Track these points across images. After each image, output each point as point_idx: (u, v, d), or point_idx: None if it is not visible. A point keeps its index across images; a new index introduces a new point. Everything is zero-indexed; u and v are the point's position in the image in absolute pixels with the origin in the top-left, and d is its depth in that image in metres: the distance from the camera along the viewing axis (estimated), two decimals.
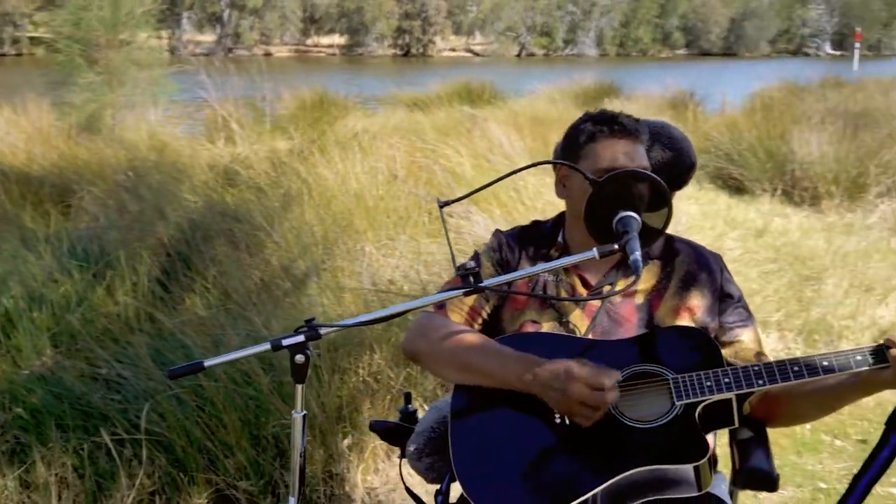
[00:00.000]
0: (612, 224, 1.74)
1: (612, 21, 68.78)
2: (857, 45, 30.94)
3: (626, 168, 1.86)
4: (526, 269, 1.75)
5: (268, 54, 47.62)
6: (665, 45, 72.76)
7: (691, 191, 7.85)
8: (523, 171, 2.03)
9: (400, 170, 5.89)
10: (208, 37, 55.18)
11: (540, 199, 5.99)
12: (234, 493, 3.02)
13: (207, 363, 1.66)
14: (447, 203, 1.84)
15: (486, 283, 1.70)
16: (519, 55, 62.85)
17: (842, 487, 3.26)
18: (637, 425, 1.71)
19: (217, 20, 55.58)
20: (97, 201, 6.28)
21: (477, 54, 61.08)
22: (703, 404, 1.73)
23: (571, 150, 1.99)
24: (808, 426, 3.84)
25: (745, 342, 1.92)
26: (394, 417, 2.04)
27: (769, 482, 1.77)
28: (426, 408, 2.48)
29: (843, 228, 7.12)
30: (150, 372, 3.35)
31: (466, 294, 1.71)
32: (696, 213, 7.20)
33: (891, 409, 1.72)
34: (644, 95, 13.73)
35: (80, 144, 8.54)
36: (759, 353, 1.91)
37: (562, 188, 2.04)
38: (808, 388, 1.78)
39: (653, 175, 1.81)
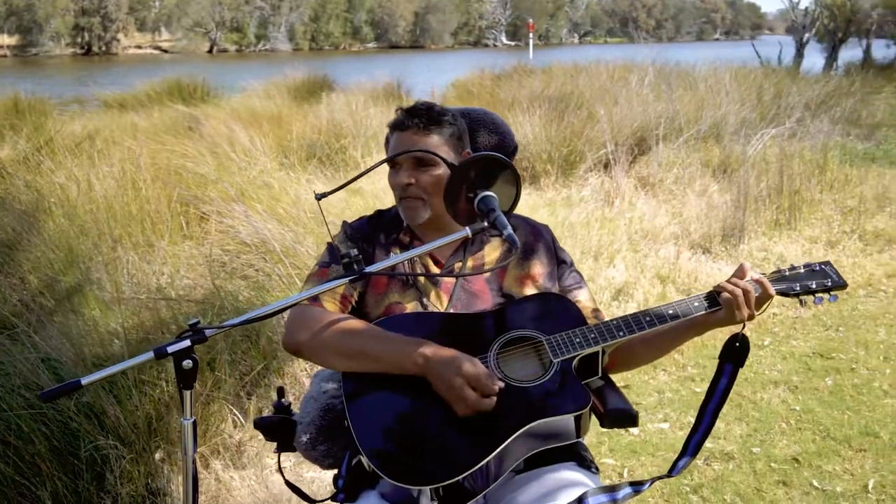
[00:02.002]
0: (472, 204, 1.85)
1: (303, 16, 68.97)
2: (531, 35, 33.51)
3: (397, 162, 2.05)
4: (409, 252, 1.80)
5: None
6: (356, 38, 74.28)
7: None
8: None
9: (145, 173, 5.62)
10: None
11: (285, 195, 6.00)
12: None
13: (85, 381, 1.59)
14: (324, 195, 1.88)
15: (368, 268, 1.76)
16: (210, 51, 61.13)
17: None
18: (523, 385, 1.86)
19: None
20: None
21: (165, 51, 58.61)
22: (577, 358, 1.91)
23: (386, 142, 2.16)
24: None
25: (582, 301, 2.13)
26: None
27: (632, 418, 1.98)
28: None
29: (562, 202, 7.77)
30: None
31: (352, 281, 1.75)
32: None
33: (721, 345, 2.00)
34: (357, 87, 13.99)
35: None
36: (596, 310, 2.13)
37: None
38: (649, 336, 2.02)
39: (505, 158, 1.95)
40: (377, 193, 6.13)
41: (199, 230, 5.34)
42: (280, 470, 2.14)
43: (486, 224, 1.80)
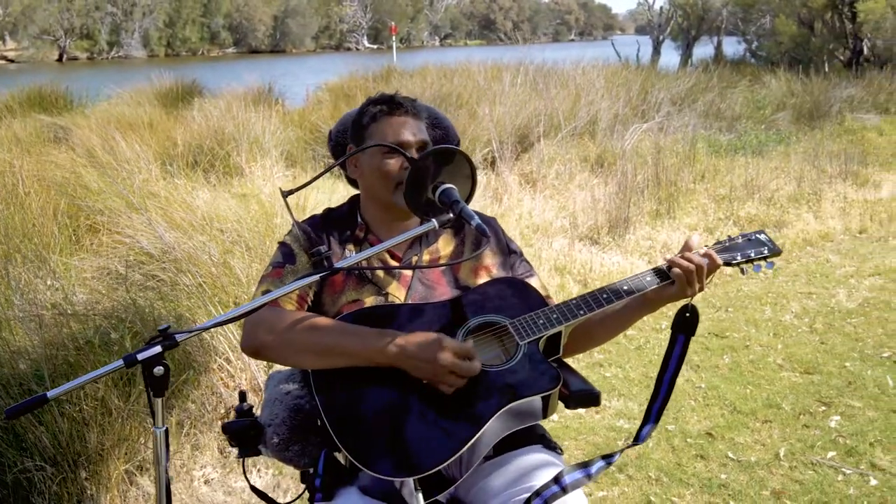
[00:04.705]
0: (431, 198, 1.88)
1: (157, 21, 66.71)
2: (394, 38, 33.62)
3: (407, 141, 2.06)
4: (378, 246, 1.80)
5: None
6: (214, 43, 72.50)
7: None
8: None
9: (28, 186, 5.35)
10: None
11: (176, 203, 5.84)
12: None
13: (52, 394, 1.54)
14: (290, 192, 1.86)
15: (338, 264, 1.76)
16: (60, 59, 58.40)
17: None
18: (495, 369, 1.89)
19: None
20: None
21: (11, 61, 55.59)
22: (542, 339, 1.96)
23: (358, 133, 2.13)
24: None
25: (535, 288, 2.18)
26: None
27: (595, 398, 2.06)
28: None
29: None
30: None
31: (323, 277, 1.74)
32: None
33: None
34: (228, 92, 13.70)
35: None
36: (547, 297, 2.19)
37: (354, 169, 2.15)
38: (601, 316, 2.08)
39: (463, 151, 1.98)
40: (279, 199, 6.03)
41: (89, 242, 5.13)
42: (245, 475, 2.11)
43: (452, 216, 1.83)
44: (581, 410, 4.01)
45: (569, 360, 4.07)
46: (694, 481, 3.31)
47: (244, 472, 2.11)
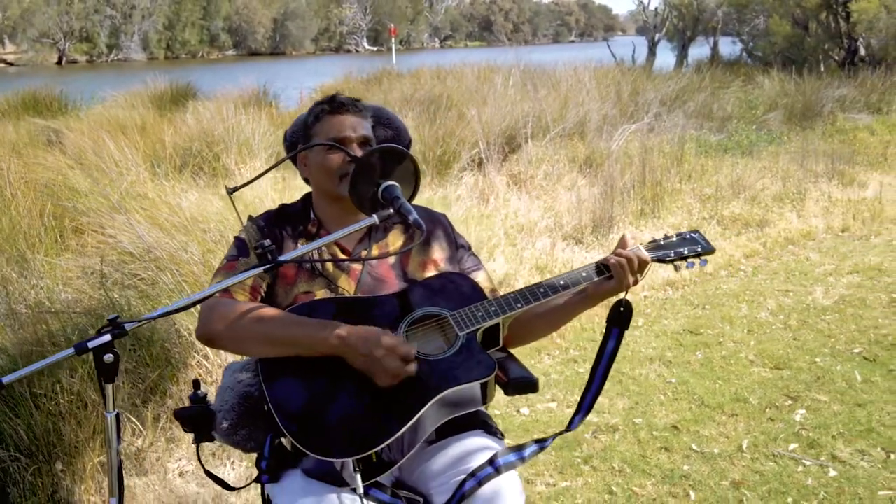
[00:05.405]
0: (375, 194, 1.96)
1: (156, 24, 66.86)
2: (393, 40, 33.71)
3: (348, 137, 2.15)
4: (321, 240, 1.89)
5: None
6: (213, 46, 72.66)
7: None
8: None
9: (14, 187, 5.44)
10: None
11: (163, 204, 5.92)
12: None
13: (6, 379, 1.62)
14: (235, 189, 1.95)
15: (282, 257, 1.84)
16: (60, 63, 58.55)
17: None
18: (434, 358, 1.97)
19: None
20: None
21: (11, 64, 55.75)
22: (480, 330, 2.04)
23: (305, 133, 2.25)
24: None
25: (481, 282, 2.26)
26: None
27: (532, 385, 2.12)
28: None
29: (439, 201, 7.94)
30: None
31: (266, 270, 1.82)
32: None
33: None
34: (223, 95, 13.80)
35: None
36: (493, 290, 2.27)
37: (304, 168, 2.27)
38: (542, 310, 2.17)
39: (405, 150, 2.07)
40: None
41: (74, 242, 5.22)
42: (199, 459, 2.19)
43: (391, 211, 1.91)
44: (552, 405, 4.10)
45: (548, 358, 4.13)
46: (656, 472, 3.39)
47: (198, 458, 2.18)
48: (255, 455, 2.04)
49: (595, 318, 5.03)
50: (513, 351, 2.24)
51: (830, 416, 3.80)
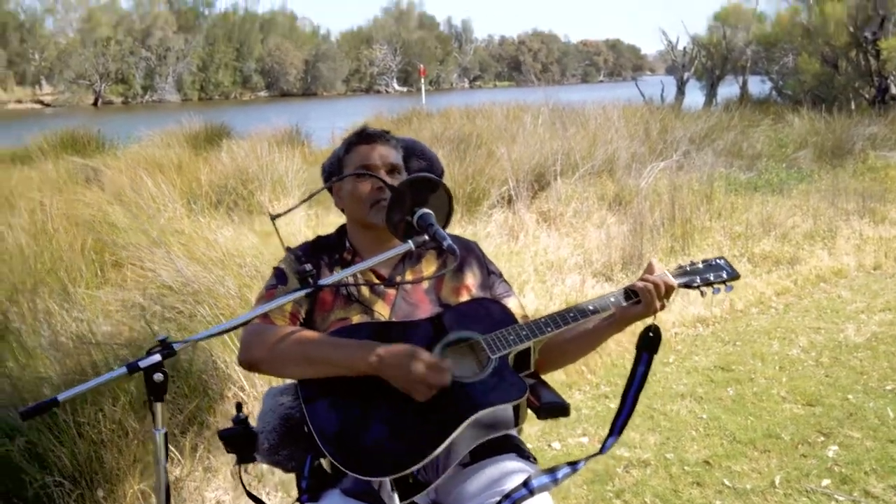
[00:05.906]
0: (410, 222, 2.04)
1: (190, 66, 68.20)
2: (423, 80, 34.12)
3: (376, 165, 2.27)
4: (358, 265, 1.97)
5: None
6: (246, 87, 73.90)
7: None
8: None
9: (56, 223, 5.59)
10: None
11: (199, 239, 6.06)
12: None
13: (62, 397, 1.70)
14: (279, 215, 2.03)
15: (321, 282, 1.92)
16: (96, 104, 59.79)
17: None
18: (467, 381, 2.03)
19: None
20: None
21: (48, 105, 56.98)
22: (511, 354, 2.11)
23: (338, 165, 2.37)
24: None
25: (512, 308, 2.32)
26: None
27: (563, 409, 2.18)
28: None
29: (469, 238, 7.95)
30: None
31: (307, 294, 1.91)
32: None
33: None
34: (256, 134, 14.05)
35: None
36: (525, 316, 2.33)
37: (338, 198, 2.38)
38: (572, 335, 2.24)
39: (439, 179, 2.15)
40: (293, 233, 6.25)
41: (114, 276, 5.35)
42: (241, 480, 2.25)
43: (426, 237, 1.99)
44: (583, 440, 4.12)
45: (579, 394, 4.17)
46: None
47: (240, 478, 2.24)
48: (291, 483, 2.10)
49: (626, 355, 5.05)
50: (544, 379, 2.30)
51: (863, 453, 3.79)
